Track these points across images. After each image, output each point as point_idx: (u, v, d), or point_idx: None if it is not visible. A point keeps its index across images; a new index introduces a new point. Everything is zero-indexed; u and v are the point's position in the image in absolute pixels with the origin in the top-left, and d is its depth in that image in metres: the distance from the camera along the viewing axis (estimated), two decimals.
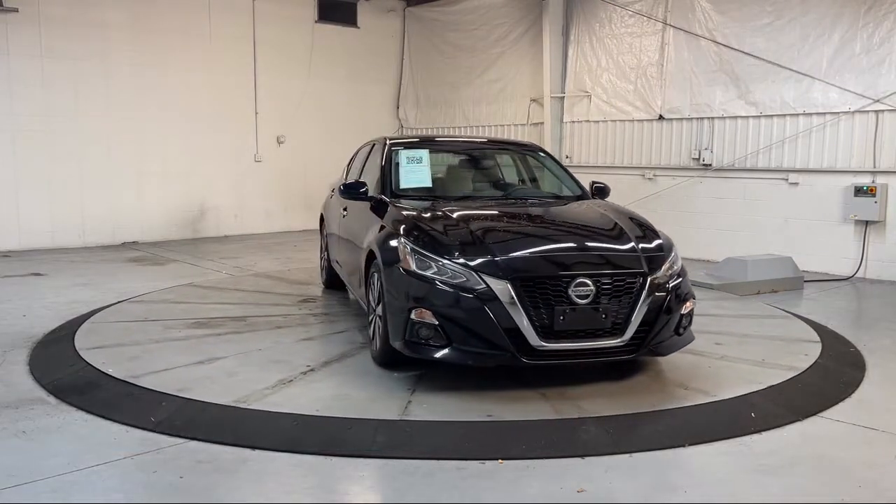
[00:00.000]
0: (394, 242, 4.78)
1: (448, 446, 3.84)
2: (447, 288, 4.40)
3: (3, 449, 3.74)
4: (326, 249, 7.59)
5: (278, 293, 7.44)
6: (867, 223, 8.70)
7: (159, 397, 4.37)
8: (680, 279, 4.77)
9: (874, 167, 8.62)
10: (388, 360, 4.86)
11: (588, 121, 11.63)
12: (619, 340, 4.46)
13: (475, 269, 4.42)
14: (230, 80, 12.31)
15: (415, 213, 5.12)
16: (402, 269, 4.58)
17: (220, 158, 12.25)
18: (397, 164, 5.92)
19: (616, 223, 5.11)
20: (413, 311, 4.43)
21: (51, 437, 3.90)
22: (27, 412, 4.23)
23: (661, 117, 10.61)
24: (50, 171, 10.62)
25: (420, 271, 4.51)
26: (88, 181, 10.98)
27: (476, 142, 8.25)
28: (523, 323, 4.30)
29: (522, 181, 6.64)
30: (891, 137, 8.50)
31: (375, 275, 4.97)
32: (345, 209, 6.46)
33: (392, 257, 4.70)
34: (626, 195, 10.01)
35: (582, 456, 3.71)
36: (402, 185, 5.76)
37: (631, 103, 10.99)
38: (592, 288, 4.40)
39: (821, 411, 4.35)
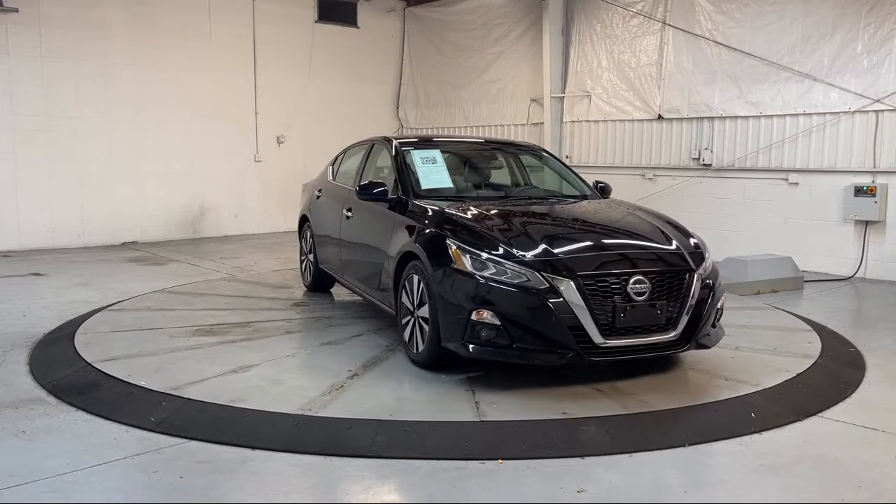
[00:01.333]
0: (443, 244, 4.73)
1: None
2: (509, 288, 4.41)
3: (3, 449, 3.74)
4: (312, 252, 7.34)
5: (263, 297, 7.24)
6: (867, 223, 8.70)
7: (159, 397, 4.37)
8: (715, 275, 4.95)
9: (874, 167, 8.62)
10: (435, 361, 4.82)
11: (588, 121, 11.63)
12: (671, 335, 4.58)
13: (537, 268, 4.44)
14: (230, 80, 12.31)
15: (457, 213, 5.11)
16: (456, 271, 4.56)
17: (220, 158, 12.25)
18: (412, 164, 5.85)
19: (651, 222, 5.27)
20: (474, 313, 4.41)
21: (51, 437, 3.90)
22: (27, 412, 4.23)
23: (660, 117, 10.61)
24: (50, 171, 10.62)
25: (477, 272, 4.50)
26: (88, 181, 10.98)
27: (484, 142, 8.26)
28: (587, 321, 4.35)
29: (533, 181, 6.67)
30: (891, 137, 8.50)
31: (415, 277, 4.91)
32: (349, 210, 6.33)
33: (442, 259, 4.67)
34: (626, 195, 9.93)
35: (582, 456, 3.71)
36: (424, 186, 5.68)
37: (631, 103, 10.99)
38: (648, 285, 4.50)
39: (821, 411, 4.35)
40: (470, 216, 5.06)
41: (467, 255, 4.56)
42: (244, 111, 12.55)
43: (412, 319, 4.99)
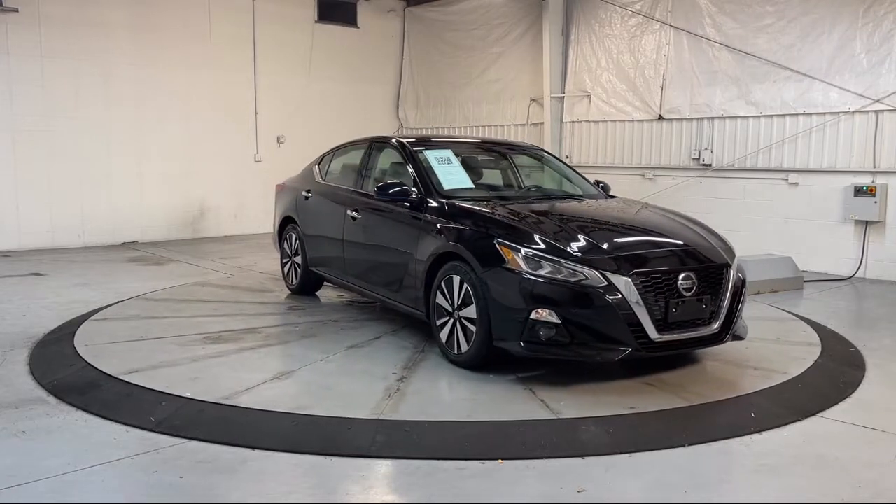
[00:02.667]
0: (491, 244, 4.72)
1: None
2: (569, 286, 4.45)
3: (3, 449, 3.74)
4: (301, 254, 7.10)
5: (251, 301, 7.05)
6: (867, 223, 8.70)
7: (159, 397, 4.36)
8: (742, 269, 5.15)
9: (874, 167, 8.62)
10: (481, 362, 4.83)
11: (588, 121, 11.63)
12: (713, 329, 4.75)
13: (596, 266, 4.50)
14: (230, 80, 12.31)
15: (499, 213, 5.12)
16: (510, 271, 4.57)
17: (220, 158, 12.25)
18: (430, 165, 5.80)
19: (680, 221, 5.42)
20: (533, 312, 4.44)
21: (51, 437, 3.90)
22: (27, 412, 4.23)
23: (660, 117, 10.61)
24: (50, 171, 10.62)
25: (533, 271, 4.52)
26: (88, 181, 10.98)
27: (489, 142, 8.26)
28: (644, 317, 4.45)
29: (542, 181, 6.68)
30: (891, 137, 8.50)
31: (455, 278, 4.91)
32: (354, 211, 6.19)
33: (492, 259, 4.66)
34: (626, 195, 9.98)
35: (581, 456, 3.71)
36: (447, 187, 5.63)
37: (631, 103, 10.99)
38: (695, 280, 4.66)
39: (821, 411, 4.35)
40: (512, 216, 5.08)
41: (520, 255, 4.59)
42: (244, 111, 12.55)
43: (451, 320, 4.98)
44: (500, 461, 3.63)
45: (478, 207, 5.27)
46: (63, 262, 9.44)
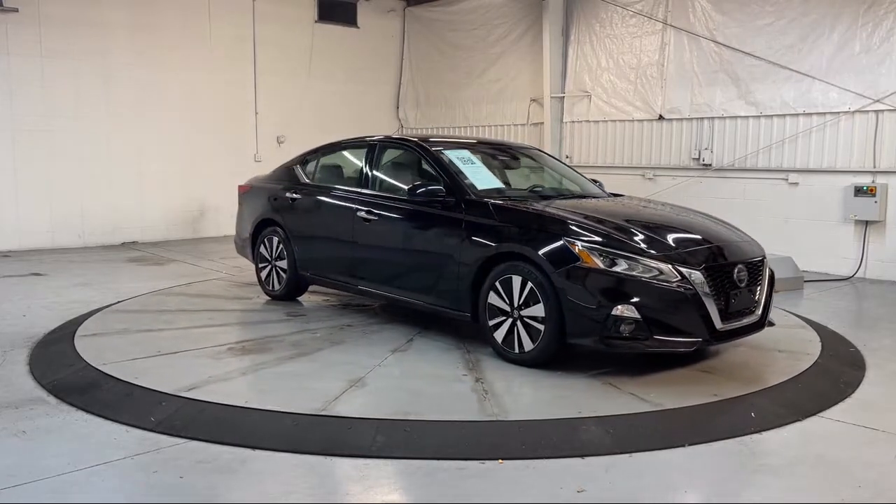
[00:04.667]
0: (561, 243, 4.80)
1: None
2: (647, 282, 4.61)
3: (3, 449, 3.74)
4: (289, 257, 6.80)
5: (239, 310, 6.74)
6: (867, 223, 8.70)
7: (159, 397, 4.36)
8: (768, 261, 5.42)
9: (874, 167, 8.62)
10: (548, 359, 4.91)
11: (588, 121, 11.63)
12: (757, 316, 5.07)
13: (671, 261, 4.69)
14: (230, 80, 12.30)
15: (561, 212, 5.18)
16: (587, 269, 4.67)
17: (220, 158, 12.23)
18: (459, 166, 5.79)
19: (706, 217, 5.78)
20: (615, 308, 4.57)
21: (51, 437, 3.90)
22: (27, 412, 4.23)
23: (661, 117, 10.61)
24: (50, 171, 10.62)
25: (609, 269, 4.65)
26: (88, 181, 10.97)
27: (490, 143, 8.27)
28: (712, 308, 4.68)
29: (553, 181, 6.68)
30: (891, 137, 8.50)
31: (515, 278, 4.94)
32: (368, 213, 6.03)
33: (566, 258, 4.74)
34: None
35: (581, 456, 3.71)
36: (480, 187, 5.61)
37: (631, 103, 10.99)
38: (746, 272, 4.97)
39: (821, 411, 4.35)
40: (572, 215, 5.15)
41: (596, 253, 4.69)
42: (244, 111, 12.54)
43: (508, 320, 5.02)
44: (500, 461, 3.63)
45: (535, 207, 5.32)
46: (63, 262, 9.44)
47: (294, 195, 6.91)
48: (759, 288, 5.10)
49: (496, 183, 5.93)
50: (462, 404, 4.32)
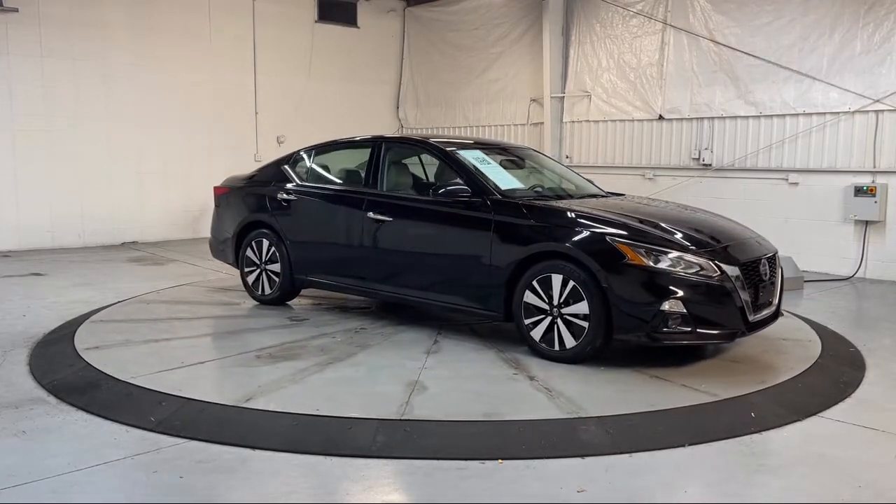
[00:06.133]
0: (605, 241, 4.93)
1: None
2: (691, 277, 4.79)
3: (3, 449, 3.74)
4: (285, 260, 6.62)
5: (231, 316, 6.53)
6: (867, 223, 8.70)
7: (159, 397, 4.36)
8: None
9: (874, 167, 8.62)
10: (590, 355, 5.01)
11: (588, 121, 11.62)
12: (774, 307, 5.34)
13: (711, 257, 4.89)
14: (230, 80, 12.30)
15: (595, 212, 5.27)
16: (633, 266, 4.80)
17: (220, 158, 12.20)
18: (479, 166, 5.82)
19: (716, 214, 6.05)
20: (664, 303, 4.72)
21: (51, 437, 3.90)
22: (27, 412, 4.23)
23: (661, 117, 10.60)
24: (50, 171, 10.61)
25: (655, 265, 4.80)
26: (88, 181, 10.97)
27: (491, 143, 8.17)
28: (747, 300, 4.92)
29: (555, 181, 6.71)
30: (891, 137, 8.50)
31: (555, 277, 5.00)
32: (381, 214, 5.93)
33: (611, 256, 4.86)
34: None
35: (582, 456, 3.71)
36: (504, 187, 5.64)
37: (631, 103, 10.98)
38: (768, 266, 5.26)
39: (821, 411, 4.35)
40: (609, 213, 5.28)
41: (642, 251, 4.83)
42: (244, 111, 12.54)
43: (547, 318, 5.09)
44: (501, 461, 3.63)
45: (572, 206, 5.44)
46: (63, 262, 9.45)
47: (288, 196, 6.69)
48: (777, 281, 5.37)
49: (516, 183, 6.01)
50: (532, 402, 4.36)
